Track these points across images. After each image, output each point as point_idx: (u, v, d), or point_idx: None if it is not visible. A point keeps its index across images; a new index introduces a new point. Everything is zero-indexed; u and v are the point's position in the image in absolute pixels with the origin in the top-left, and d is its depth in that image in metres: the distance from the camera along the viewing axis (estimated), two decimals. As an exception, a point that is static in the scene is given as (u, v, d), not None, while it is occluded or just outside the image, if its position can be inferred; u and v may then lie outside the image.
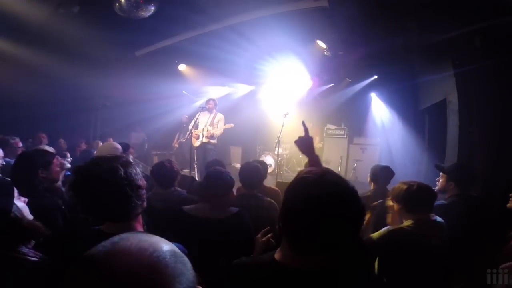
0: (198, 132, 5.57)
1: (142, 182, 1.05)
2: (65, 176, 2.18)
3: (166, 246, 0.51)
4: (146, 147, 8.12)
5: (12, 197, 1.20)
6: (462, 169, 2.29)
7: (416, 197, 1.69)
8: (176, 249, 0.52)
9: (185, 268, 0.50)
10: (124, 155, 1.06)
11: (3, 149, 3.27)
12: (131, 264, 0.45)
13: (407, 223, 1.69)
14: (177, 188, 2.46)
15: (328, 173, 0.85)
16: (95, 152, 3.27)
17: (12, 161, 2.61)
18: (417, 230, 1.63)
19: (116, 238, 0.50)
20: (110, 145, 2.83)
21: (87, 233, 1.13)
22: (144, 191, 1.04)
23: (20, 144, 3.60)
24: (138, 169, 1.05)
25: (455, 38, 3.58)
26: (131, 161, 1.04)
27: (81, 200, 1.00)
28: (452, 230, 1.71)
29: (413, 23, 4.21)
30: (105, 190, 0.96)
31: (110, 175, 0.97)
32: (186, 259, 0.53)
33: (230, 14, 4.58)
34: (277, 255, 0.88)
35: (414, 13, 3.97)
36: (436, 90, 4.73)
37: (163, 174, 2.36)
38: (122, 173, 0.97)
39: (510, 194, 1.87)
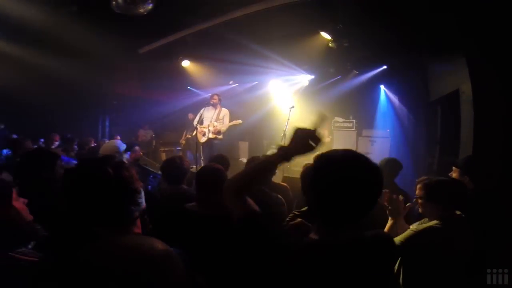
0: (203, 128, 5.53)
1: (138, 184, 0.97)
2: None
3: (160, 245, 0.58)
4: (154, 144, 8.19)
5: (10, 198, 1.19)
6: (476, 162, 2.18)
7: (452, 192, 1.58)
8: (169, 250, 0.58)
9: (176, 267, 0.57)
10: (117, 155, 1.00)
11: (16, 151, 3.32)
12: (124, 260, 0.51)
13: (433, 222, 1.54)
14: (184, 185, 2.41)
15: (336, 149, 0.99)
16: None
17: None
18: (447, 230, 1.47)
19: (110, 238, 0.60)
20: (111, 144, 2.82)
21: (87, 235, 1.10)
22: (140, 195, 0.97)
23: (32, 145, 3.64)
24: (133, 171, 0.99)
25: (466, 24, 3.40)
26: (125, 161, 0.97)
27: (72, 204, 0.95)
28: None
29: (422, 9, 4.02)
30: (94, 195, 0.89)
31: (98, 179, 0.89)
32: (177, 260, 0.58)
33: (232, 8, 4.50)
34: (311, 236, 0.93)
35: None
36: (448, 80, 4.54)
37: (172, 170, 2.34)
38: (112, 176, 0.90)
39: None
